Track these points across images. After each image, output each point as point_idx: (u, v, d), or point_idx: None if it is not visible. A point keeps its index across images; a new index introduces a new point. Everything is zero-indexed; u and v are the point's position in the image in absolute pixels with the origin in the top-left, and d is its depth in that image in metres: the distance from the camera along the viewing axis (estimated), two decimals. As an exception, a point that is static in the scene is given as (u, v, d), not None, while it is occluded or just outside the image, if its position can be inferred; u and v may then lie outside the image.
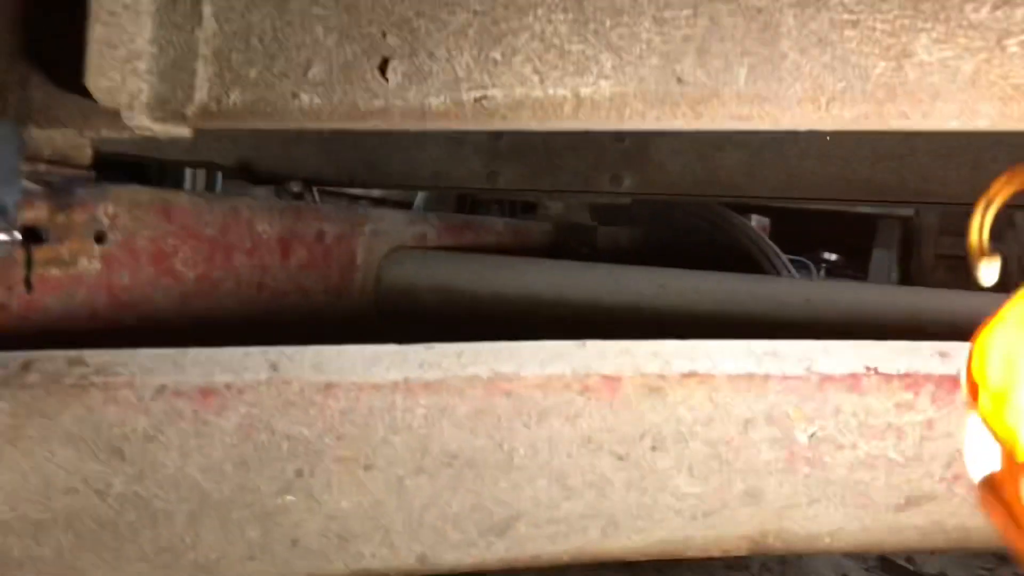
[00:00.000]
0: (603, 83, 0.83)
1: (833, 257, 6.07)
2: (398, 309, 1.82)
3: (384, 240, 1.80)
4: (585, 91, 0.84)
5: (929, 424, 0.83)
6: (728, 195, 2.20)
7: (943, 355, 0.84)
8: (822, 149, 2.23)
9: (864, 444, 0.83)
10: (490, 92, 0.89)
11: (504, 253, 1.97)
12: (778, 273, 2.69)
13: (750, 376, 0.83)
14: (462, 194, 3.31)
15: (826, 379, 0.83)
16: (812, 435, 0.83)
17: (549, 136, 2.28)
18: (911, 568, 2.82)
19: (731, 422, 0.82)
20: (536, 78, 0.87)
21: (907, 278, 5.97)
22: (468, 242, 2.02)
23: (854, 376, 0.83)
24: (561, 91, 0.85)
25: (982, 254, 0.69)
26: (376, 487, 0.82)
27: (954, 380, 0.82)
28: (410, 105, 0.91)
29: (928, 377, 0.83)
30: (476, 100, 0.89)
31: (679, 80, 0.79)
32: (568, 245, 2.40)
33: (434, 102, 0.91)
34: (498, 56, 0.89)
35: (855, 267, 6.15)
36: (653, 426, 0.81)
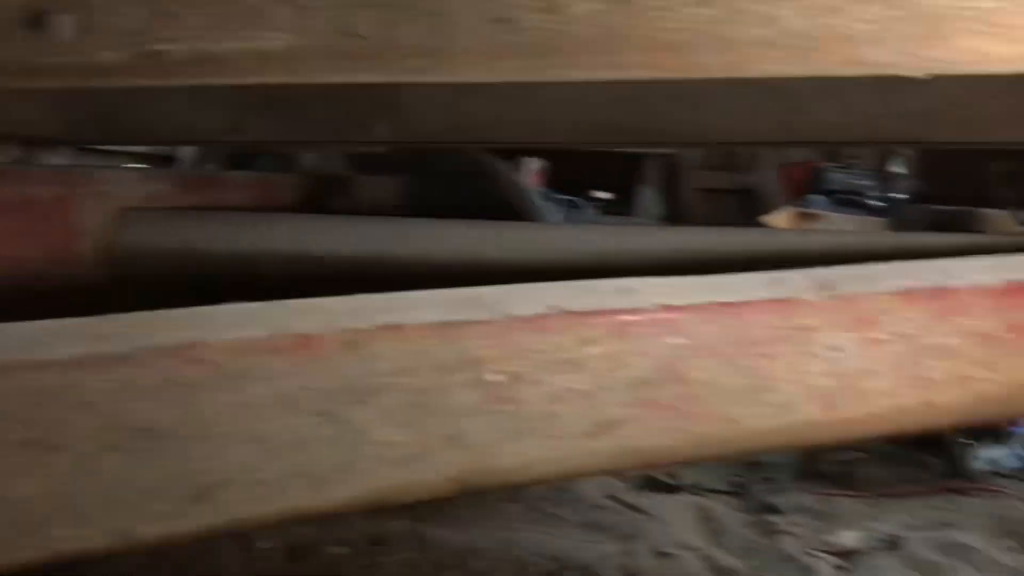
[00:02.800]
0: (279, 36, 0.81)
1: (605, 195, 6.34)
2: (136, 275, 1.72)
3: (114, 201, 1.69)
4: (265, 45, 0.82)
5: (613, 355, 0.89)
6: (478, 140, 2.24)
7: (621, 291, 0.90)
8: (569, 95, 2.31)
9: (554, 379, 0.88)
10: (169, 47, 0.85)
11: (253, 210, 1.91)
12: (533, 218, 2.78)
13: (445, 324, 0.85)
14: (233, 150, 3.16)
15: (517, 321, 0.87)
16: (507, 374, 0.87)
17: (297, 85, 2.21)
18: (672, 483, 3.06)
19: (428, 370, 0.84)
20: (215, 32, 0.84)
21: (673, 211, 6.37)
22: (211, 200, 1.94)
23: (542, 317, 0.87)
24: (239, 45, 0.83)
25: None
26: (64, 468, 0.78)
27: (631, 312, 0.89)
28: (83, 61, 0.86)
29: (610, 311, 0.89)
30: (154, 55, 0.85)
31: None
32: (321, 199, 2.35)
33: (109, 57, 0.86)
34: (176, 9, 0.85)
35: (625, 204, 6.46)
36: (351, 380, 0.82)
